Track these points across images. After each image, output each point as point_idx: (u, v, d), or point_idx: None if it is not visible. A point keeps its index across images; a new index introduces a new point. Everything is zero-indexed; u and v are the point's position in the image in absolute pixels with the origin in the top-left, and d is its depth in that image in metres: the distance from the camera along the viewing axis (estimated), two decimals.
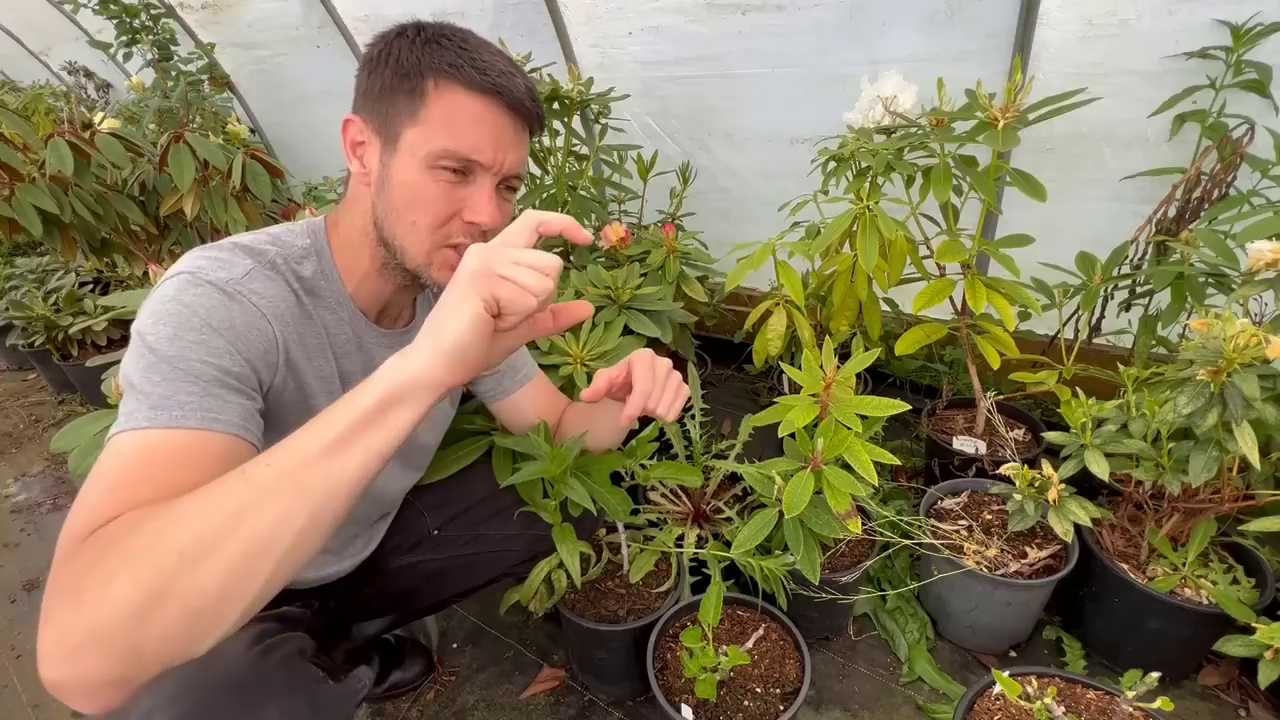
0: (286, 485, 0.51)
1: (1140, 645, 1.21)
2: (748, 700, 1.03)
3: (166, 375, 0.59)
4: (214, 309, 0.63)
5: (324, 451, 0.53)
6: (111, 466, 0.56)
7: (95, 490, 0.54)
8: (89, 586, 0.46)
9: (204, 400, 0.59)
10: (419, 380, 0.57)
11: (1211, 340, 0.94)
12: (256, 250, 0.71)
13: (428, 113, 0.69)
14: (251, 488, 0.51)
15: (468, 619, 1.47)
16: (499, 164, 0.72)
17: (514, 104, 0.70)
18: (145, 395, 0.58)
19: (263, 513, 0.50)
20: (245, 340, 0.65)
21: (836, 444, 1.01)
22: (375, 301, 0.83)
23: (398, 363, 0.57)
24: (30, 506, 2.07)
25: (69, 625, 0.45)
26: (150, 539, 0.48)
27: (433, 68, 0.68)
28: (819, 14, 1.84)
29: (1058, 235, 1.69)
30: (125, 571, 0.46)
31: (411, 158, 0.70)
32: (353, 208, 0.78)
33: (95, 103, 3.97)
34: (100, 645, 0.45)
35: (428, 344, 0.57)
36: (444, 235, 0.73)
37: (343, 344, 0.80)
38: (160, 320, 0.61)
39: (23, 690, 1.39)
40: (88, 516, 0.51)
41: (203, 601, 0.48)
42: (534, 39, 2.37)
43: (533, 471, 0.95)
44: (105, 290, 2.89)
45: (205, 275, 0.64)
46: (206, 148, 1.82)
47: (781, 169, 2.21)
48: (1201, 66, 1.44)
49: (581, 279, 1.68)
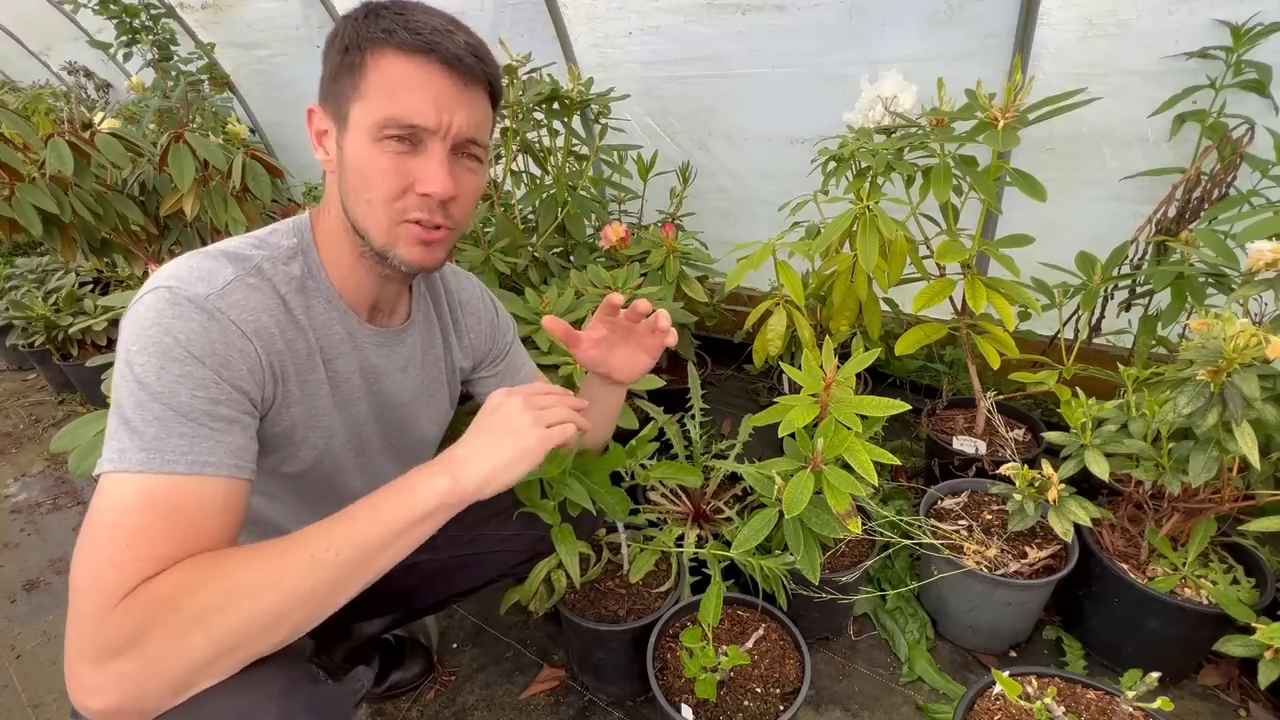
0: (350, 574, 0.61)
1: (1140, 645, 1.21)
2: (748, 700, 1.03)
3: (158, 415, 0.60)
4: (194, 335, 0.63)
5: (382, 546, 0.63)
6: (123, 518, 0.58)
7: (113, 544, 0.56)
8: (156, 641, 0.53)
9: (194, 444, 0.61)
10: (467, 498, 0.67)
11: (1211, 340, 0.94)
12: (241, 257, 0.70)
13: (366, 84, 0.67)
14: (323, 573, 0.59)
15: (468, 619, 1.47)
16: (444, 126, 0.68)
17: (451, 59, 0.67)
18: (138, 434, 0.59)
19: (329, 594, 0.60)
20: (228, 365, 0.65)
21: (836, 444, 1.01)
22: (364, 297, 0.81)
23: (451, 479, 0.66)
24: (30, 506, 2.07)
25: (133, 672, 0.53)
26: (221, 604, 0.55)
27: (368, 38, 0.67)
28: (819, 14, 1.85)
29: (1058, 235, 1.69)
30: (198, 632, 0.54)
31: (359, 133, 0.68)
32: (328, 199, 0.76)
33: (95, 103, 3.97)
34: (164, 687, 0.54)
35: (484, 470, 0.68)
36: (399, 210, 0.71)
37: (336, 344, 0.79)
38: (145, 350, 0.61)
39: (22, 690, 1.39)
40: (118, 574, 0.55)
41: (263, 649, 0.58)
42: (534, 39, 2.37)
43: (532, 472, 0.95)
44: (105, 290, 2.89)
45: (184, 291, 0.64)
46: (206, 148, 1.82)
47: (781, 169, 2.22)
48: (1201, 66, 1.44)
49: (581, 279, 1.68)
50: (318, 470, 0.83)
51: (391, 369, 0.87)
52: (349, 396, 0.83)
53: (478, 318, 1.01)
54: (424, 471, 0.67)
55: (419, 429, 0.96)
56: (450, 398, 1.01)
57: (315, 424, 0.79)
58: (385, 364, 0.86)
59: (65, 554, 1.82)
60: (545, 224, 1.85)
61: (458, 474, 0.66)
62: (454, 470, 0.66)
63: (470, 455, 0.68)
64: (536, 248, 1.91)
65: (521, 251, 1.88)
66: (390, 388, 0.88)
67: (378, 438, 0.90)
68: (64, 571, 1.75)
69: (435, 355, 0.95)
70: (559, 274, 1.90)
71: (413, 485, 0.65)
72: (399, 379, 0.88)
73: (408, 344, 0.89)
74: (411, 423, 0.93)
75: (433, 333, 0.94)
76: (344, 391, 0.82)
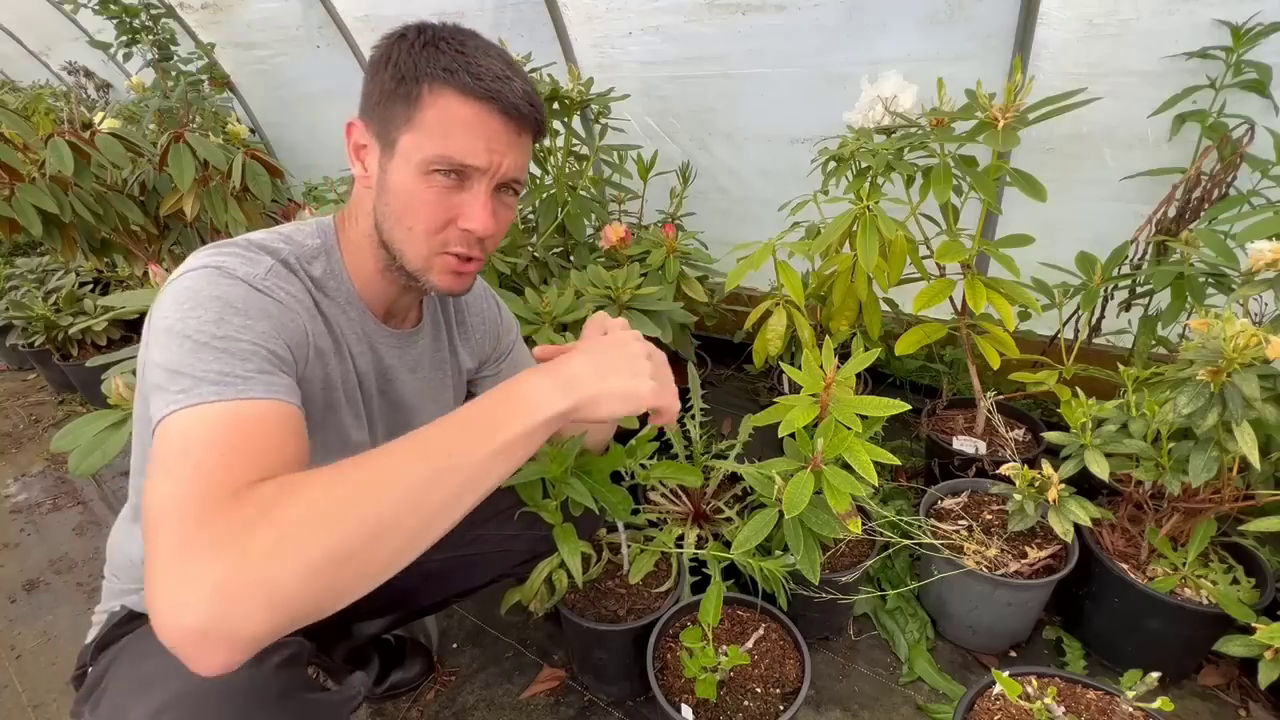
0: (466, 478, 0.56)
1: (1140, 645, 1.21)
2: (748, 700, 1.03)
3: (219, 355, 0.58)
4: (250, 298, 0.63)
5: (495, 454, 0.57)
6: (206, 433, 0.54)
7: (203, 455, 0.52)
8: (260, 541, 0.46)
9: (262, 376, 0.59)
10: (577, 412, 0.62)
11: (1211, 340, 0.94)
12: (272, 248, 0.71)
13: (422, 118, 0.68)
14: (439, 476, 0.54)
15: (468, 619, 1.47)
16: (494, 169, 0.71)
17: (509, 109, 0.69)
18: (199, 377, 0.56)
19: (445, 502, 0.54)
20: (284, 328, 0.65)
21: (836, 444, 1.01)
22: (382, 301, 0.83)
23: (564, 391, 0.61)
24: (30, 506, 2.07)
25: (232, 576, 0.45)
26: (332, 506, 0.49)
27: (428, 73, 0.67)
28: (819, 14, 1.84)
29: (1058, 235, 1.69)
30: (306, 533, 0.47)
31: (407, 163, 0.69)
32: (357, 210, 0.78)
33: (95, 103, 3.97)
34: (268, 597, 0.45)
35: (594, 393, 0.63)
36: (440, 242, 0.73)
37: (354, 343, 0.81)
38: (200, 307, 0.60)
39: (23, 690, 1.39)
40: (218, 477, 0.50)
41: (373, 567, 0.51)
42: (534, 39, 2.37)
43: (533, 471, 0.95)
44: (105, 290, 2.89)
45: (231, 270, 0.64)
46: (206, 148, 1.82)
47: (781, 169, 2.21)
48: (1201, 66, 1.44)
49: (581, 279, 1.68)
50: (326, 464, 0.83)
51: (403, 370, 0.88)
52: (364, 394, 0.84)
53: (482, 317, 1.01)
54: (529, 379, 0.62)
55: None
56: (455, 399, 1.01)
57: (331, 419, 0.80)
58: (397, 365, 0.87)
59: (65, 554, 1.83)
60: (545, 224, 1.85)
61: (570, 386, 0.62)
62: (565, 383, 0.62)
63: (581, 374, 0.63)
64: (536, 248, 1.91)
65: (521, 251, 1.88)
66: (400, 388, 0.89)
67: (383, 437, 0.90)
68: (64, 571, 1.76)
69: (442, 357, 0.96)
70: (559, 274, 1.90)
71: (524, 393, 0.61)
72: (409, 380, 0.90)
73: (419, 346, 0.91)
74: (417, 424, 0.93)
75: (439, 334, 0.95)
76: (360, 389, 0.83)
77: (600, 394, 0.63)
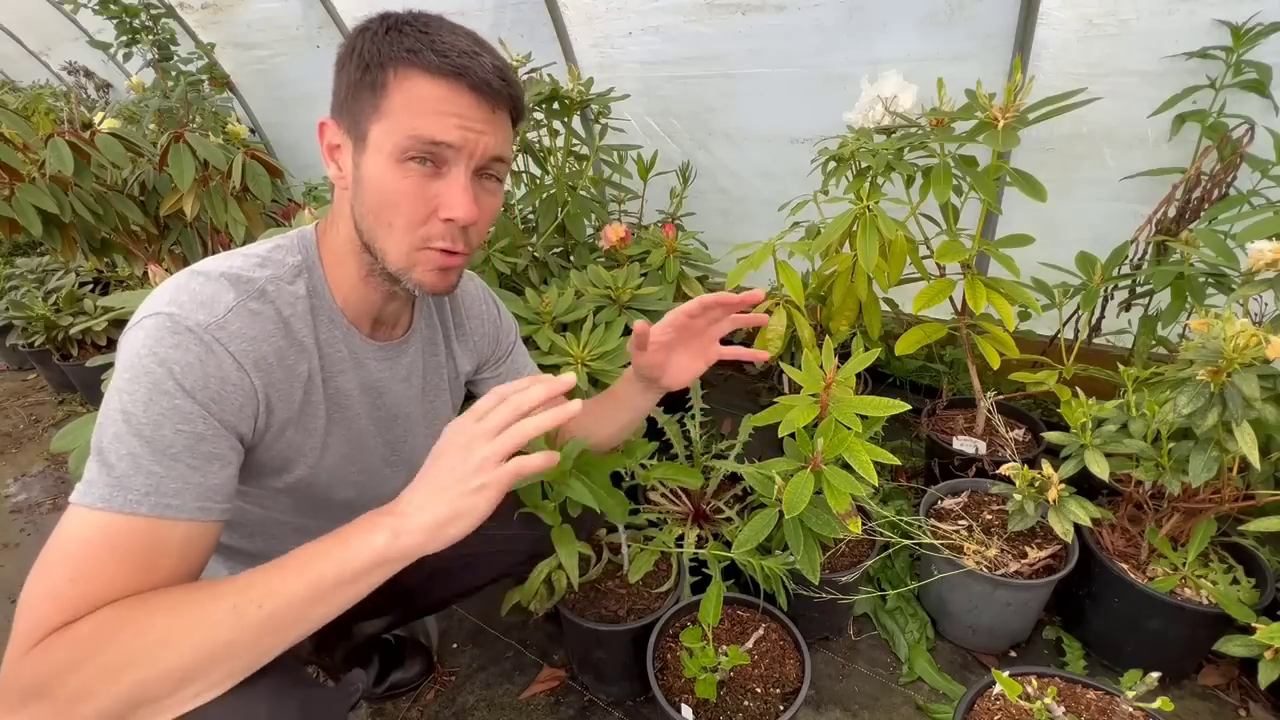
0: (273, 628, 0.57)
1: (1140, 645, 1.21)
2: (748, 700, 1.03)
3: (132, 450, 0.58)
4: (190, 367, 0.61)
5: (310, 602, 0.58)
6: (78, 550, 0.57)
7: (60, 575, 0.56)
8: (69, 687, 0.51)
9: (162, 483, 0.59)
10: (409, 554, 0.60)
11: (1211, 340, 0.94)
12: (244, 279, 0.68)
13: (389, 104, 0.65)
14: (243, 625, 0.55)
15: (468, 619, 1.47)
16: (470, 149, 0.67)
17: (480, 84, 0.66)
18: (109, 468, 0.58)
19: (250, 649, 0.56)
20: (220, 400, 0.63)
21: (836, 444, 1.01)
22: (368, 312, 0.80)
23: (391, 535, 0.60)
24: (30, 506, 2.07)
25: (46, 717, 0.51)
26: (134, 654, 0.53)
27: (392, 56, 0.65)
28: (819, 14, 1.85)
29: (1058, 235, 1.69)
30: (110, 684, 0.52)
31: (379, 154, 0.66)
32: (337, 216, 0.75)
33: (95, 103, 3.97)
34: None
35: (427, 524, 0.60)
36: (422, 237, 0.70)
37: (338, 362, 0.78)
38: (136, 380, 0.60)
39: None
40: (51, 607, 0.54)
41: (177, 706, 0.54)
42: (534, 39, 2.37)
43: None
44: (105, 290, 2.89)
45: (184, 319, 0.62)
46: (206, 148, 1.82)
47: (781, 169, 2.22)
48: (1201, 66, 1.44)
49: (581, 279, 1.68)
50: (312, 484, 0.82)
51: (393, 381, 0.87)
52: (349, 414, 0.82)
53: (481, 319, 1.00)
54: (365, 523, 0.61)
55: (422, 438, 0.95)
56: (452, 403, 1.01)
57: (309, 444, 0.78)
58: (387, 377, 0.85)
59: None
60: (545, 224, 1.85)
61: (399, 529, 0.60)
62: (395, 524, 0.60)
63: (414, 506, 0.61)
64: (536, 248, 1.91)
65: (521, 251, 1.88)
66: (392, 400, 0.87)
67: (380, 450, 0.90)
68: None
69: (437, 362, 0.94)
70: (559, 274, 1.90)
71: (348, 539, 0.60)
72: (401, 390, 0.88)
73: (410, 354, 0.89)
74: (414, 432, 0.93)
75: (434, 339, 0.93)
76: (344, 409, 0.81)
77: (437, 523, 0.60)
